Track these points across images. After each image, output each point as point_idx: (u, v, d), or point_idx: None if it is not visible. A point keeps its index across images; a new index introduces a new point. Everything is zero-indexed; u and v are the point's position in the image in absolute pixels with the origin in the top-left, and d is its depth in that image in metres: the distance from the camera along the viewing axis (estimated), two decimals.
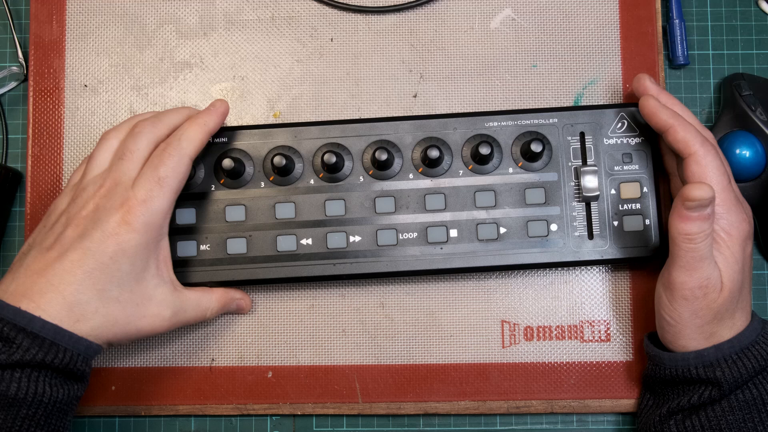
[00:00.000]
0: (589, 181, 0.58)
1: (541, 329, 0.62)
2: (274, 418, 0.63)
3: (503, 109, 0.63)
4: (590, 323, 0.62)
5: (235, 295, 0.60)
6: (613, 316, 0.62)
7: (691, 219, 0.52)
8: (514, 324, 0.62)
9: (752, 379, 0.54)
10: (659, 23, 0.64)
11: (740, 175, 0.62)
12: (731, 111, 0.63)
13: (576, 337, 0.62)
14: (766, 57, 0.65)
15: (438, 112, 0.63)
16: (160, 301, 0.55)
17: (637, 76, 0.59)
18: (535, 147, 0.58)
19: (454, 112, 0.63)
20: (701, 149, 0.54)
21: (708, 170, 0.54)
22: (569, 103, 0.63)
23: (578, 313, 0.62)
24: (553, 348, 0.62)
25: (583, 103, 0.63)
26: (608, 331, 0.62)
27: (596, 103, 0.62)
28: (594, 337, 0.62)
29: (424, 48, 0.64)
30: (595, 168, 0.58)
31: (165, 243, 0.55)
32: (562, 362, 0.62)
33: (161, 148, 0.54)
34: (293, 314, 0.63)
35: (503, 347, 0.62)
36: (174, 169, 0.54)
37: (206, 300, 0.58)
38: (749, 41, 0.65)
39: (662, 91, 0.58)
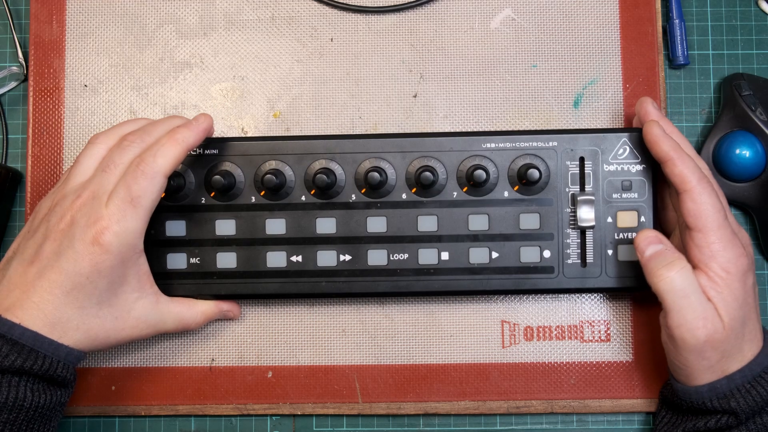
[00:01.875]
0: (585, 213, 0.57)
1: (541, 329, 0.62)
2: (274, 418, 0.63)
3: (501, 113, 0.63)
4: (590, 323, 0.62)
5: (223, 307, 0.60)
6: (613, 316, 0.62)
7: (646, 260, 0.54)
8: (514, 324, 0.62)
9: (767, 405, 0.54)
10: (659, 23, 0.64)
11: (740, 175, 0.62)
12: (731, 111, 0.63)
13: (576, 337, 0.62)
14: (766, 57, 0.65)
15: (438, 113, 0.63)
16: (140, 314, 0.55)
17: (641, 99, 0.58)
18: (532, 175, 0.56)
19: (453, 115, 0.63)
20: (698, 186, 0.53)
21: (703, 208, 0.53)
22: (569, 103, 0.63)
23: (578, 313, 0.62)
24: (553, 348, 0.62)
25: (583, 105, 0.63)
26: (608, 331, 0.62)
27: (594, 121, 0.61)
28: (594, 337, 0.62)
29: (424, 48, 0.64)
30: (592, 198, 0.57)
31: (143, 259, 0.55)
32: (562, 362, 0.62)
33: (135, 163, 0.53)
34: (293, 314, 0.63)
35: (503, 347, 0.62)
36: (147, 188, 0.52)
37: (190, 315, 0.58)
38: (749, 41, 0.65)
39: (663, 117, 0.58)
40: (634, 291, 0.59)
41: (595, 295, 0.62)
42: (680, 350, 0.54)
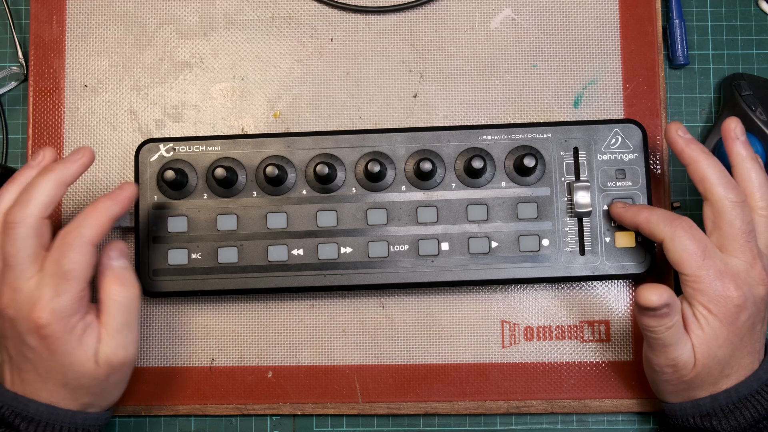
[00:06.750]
0: (582, 197, 0.58)
1: (541, 329, 0.62)
2: (274, 418, 0.63)
3: (501, 113, 0.63)
4: (590, 323, 0.62)
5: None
6: (613, 316, 0.62)
7: (647, 315, 0.52)
8: (514, 324, 0.62)
9: (752, 428, 0.53)
10: (659, 23, 0.64)
11: None
12: (731, 111, 0.63)
13: (576, 337, 0.62)
14: (766, 57, 0.65)
15: (438, 112, 0.63)
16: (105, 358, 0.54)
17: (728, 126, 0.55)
18: (528, 162, 0.57)
19: (453, 115, 0.63)
20: (669, 233, 0.52)
21: (677, 255, 0.52)
22: (569, 103, 0.63)
23: (578, 313, 0.62)
24: (553, 348, 0.62)
25: (583, 105, 0.63)
26: (608, 331, 0.62)
27: (592, 119, 0.61)
28: (594, 337, 0.62)
29: (424, 48, 0.64)
30: (588, 184, 0.58)
31: (90, 314, 0.53)
32: (562, 362, 0.62)
33: (60, 236, 0.52)
34: (293, 314, 0.63)
35: (503, 347, 0.62)
36: (77, 260, 0.51)
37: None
38: (749, 41, 0.65)
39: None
40: (633, 278, 0.60)
41: (595, 294, 0.62)
42: (648, 370, 0.56)
